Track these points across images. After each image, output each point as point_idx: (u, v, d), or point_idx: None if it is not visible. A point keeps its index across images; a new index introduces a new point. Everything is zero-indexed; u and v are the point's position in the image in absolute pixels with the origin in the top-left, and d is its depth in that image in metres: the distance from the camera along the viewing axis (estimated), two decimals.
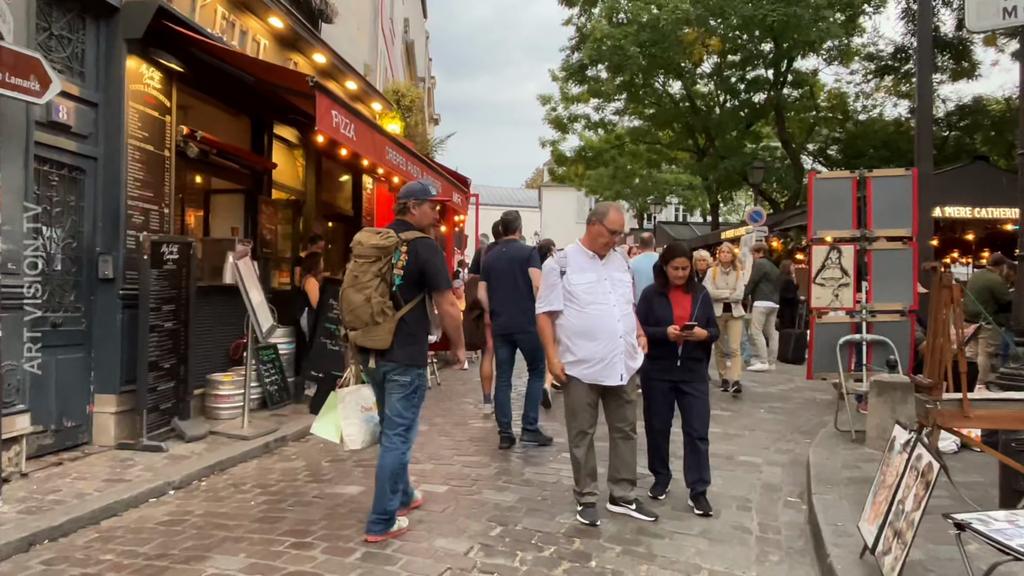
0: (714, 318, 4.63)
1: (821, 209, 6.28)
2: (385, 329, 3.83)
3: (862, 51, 21.36)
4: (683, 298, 4.57)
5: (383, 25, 13.62)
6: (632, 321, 4.33)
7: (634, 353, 4.28)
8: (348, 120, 6.58)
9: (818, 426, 7.04)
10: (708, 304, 4.62)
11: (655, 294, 4.64)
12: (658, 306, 4.57)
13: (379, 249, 3.90)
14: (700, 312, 4.49)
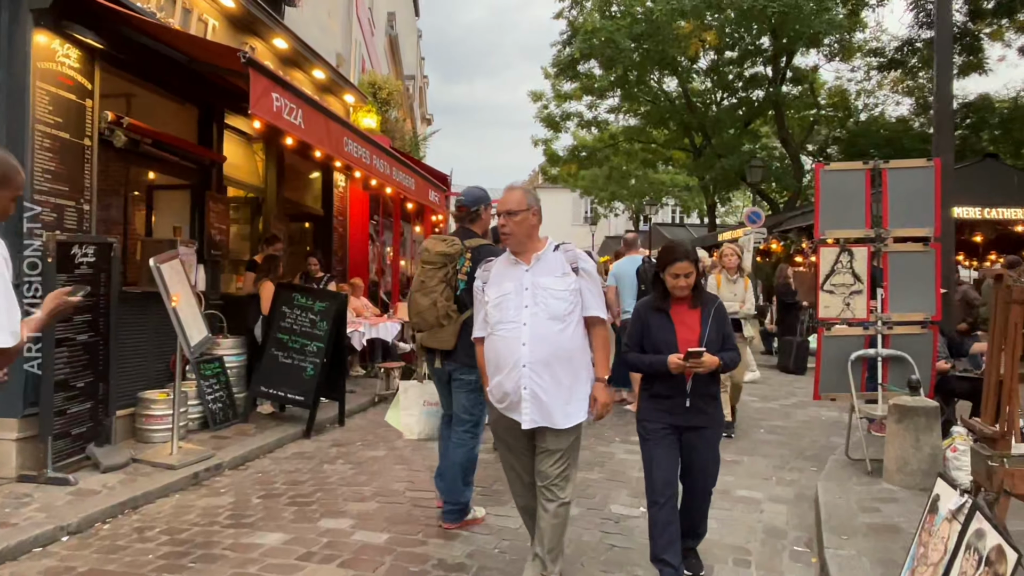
0: (732, 338, 3.45)
1: (829, 205, 5.50)
2: (450, 331, 4.11)
3: (864, 47, 20.64)
4: (689, 315, 3.38)
5: (359, 14, 12.85)
6: (564, 343, 3.14)
7: (563, 391, 3.16)
8: (294, 105, 5.80)
9: (825, 450, 6.26)
10: (723, 320, 3.42)
11: (651, 311, 3.44)
12: (656, 327, 3.39)
13: (445, 256, 4.20)
14: (713, 331, 3.34)
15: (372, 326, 9.54)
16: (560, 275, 3.23)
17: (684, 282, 3.32)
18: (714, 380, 3.41)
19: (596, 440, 6.55)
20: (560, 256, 3.30)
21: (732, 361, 3.36)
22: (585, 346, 3.29)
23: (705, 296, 3.46)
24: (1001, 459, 2.38)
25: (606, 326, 3.36)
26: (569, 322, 3.19)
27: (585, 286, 3.27)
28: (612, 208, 35.85)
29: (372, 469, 5.51)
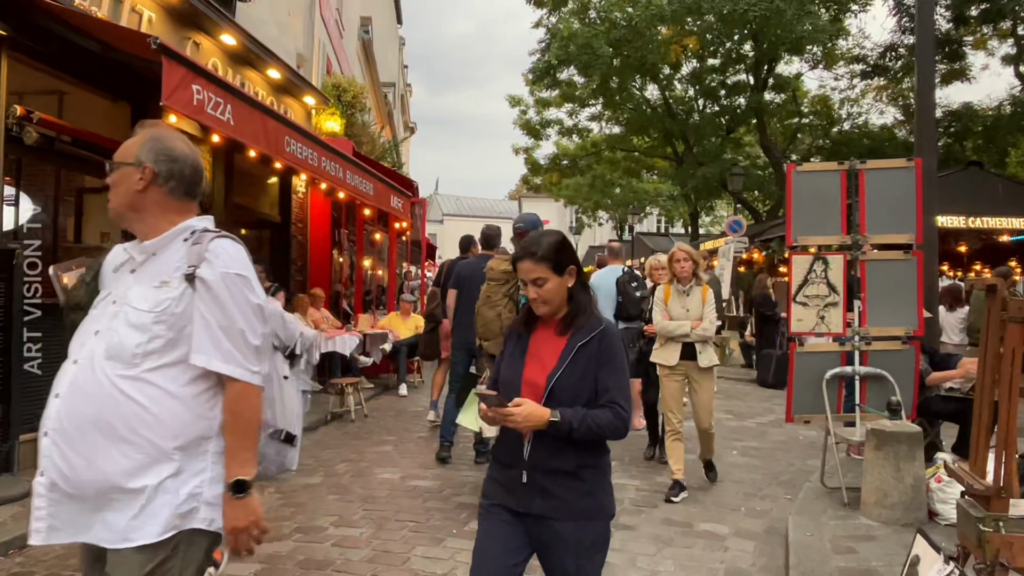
0: (623, 388, 2.20)
1: (803, 209, 5.05)
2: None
3: (847, 54, 20.38)
4: (551, 343, 2.24)
5: (323, 14, 12.37)
6: (119, 405, 1.74)
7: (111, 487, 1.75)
8: (221, 99, 5.32)
9: (801, 475, 5.79)
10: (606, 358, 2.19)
11: (512, 335, 2.36)
12: (508, 357, 2.31)
13: (507, 274, 5.09)
14: (574, 374, 2.16)
15: (328, 339, 9.00)
16: (158, 283, 1.83)
17: (534, 292, 2.20)
18: (580, 449, 2.14)
19: None
20: (185, 250, 1.87)
21: (610, 427, 2.11)
22: (193, 416, 1.81)
23: (583, 320, 2.22)
24: (996, 523, 1.90)
25: (242, 387, 1.82)
26: (142, 367, 1.77)
27: (201, 310, 1.80)
28: (596, 217, 35.44)
29: (300, 500, 4.98)
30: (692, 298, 5.19)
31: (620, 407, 2.14)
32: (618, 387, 2.17)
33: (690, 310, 5.16)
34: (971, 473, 2.05)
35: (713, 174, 19.54)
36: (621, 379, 2.20)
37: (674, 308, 5.22)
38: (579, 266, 2.30)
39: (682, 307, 5.20)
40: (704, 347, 5.12)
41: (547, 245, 2.22)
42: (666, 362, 5.19)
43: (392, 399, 9.70)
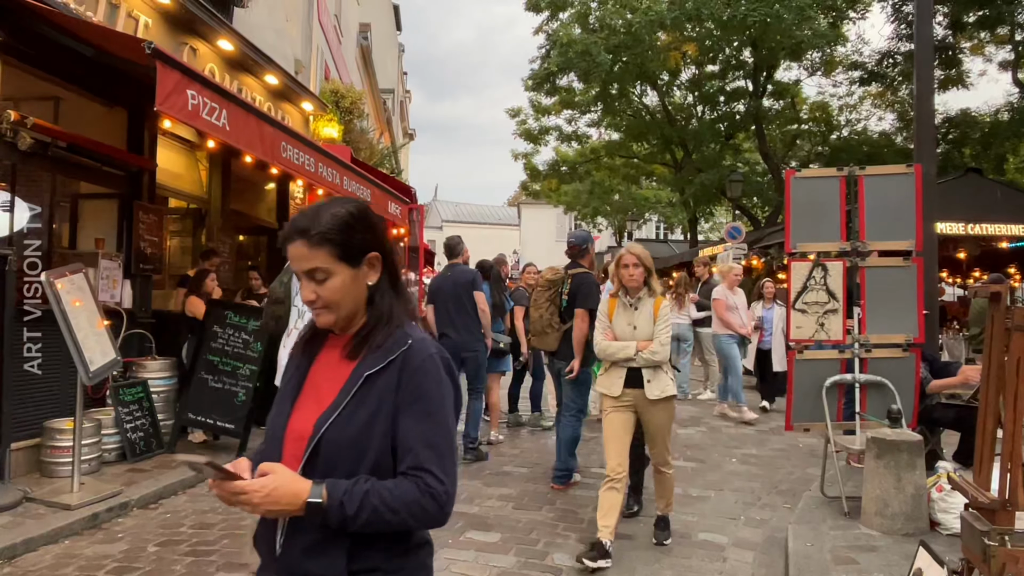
0: (428, 437, 1.42)
1: (801, 216, 5.01)
2: (553, 337, 5.60)
3: (846, 60, 20.39)
4: (337, 370, 1.52)
5: (321, 20, 12.36)
6: None
7: None
8: (216, 104, 5.26)
9: (801, 483, 5.74)
10: (404, 395, 1.44)
11: (290, 362, 1.65)
12: (279, 396, 1.61)
13: (551, 282, 5.73)
14: (346, 420, 1.43)
15: None
16: None
17: (310, 292, 1.46)
18: (364, 545, 1.42)
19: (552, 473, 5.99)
20: None
21: (414, 511, 1.38)
22: None
23: (382, 336, 1.48)
24: (1001, 536, 1.85)
25: None
26: None
27: None
28: (595, 224, 35.42)
29: None
30: (641, 313, 4.20)
31: (433, 477, 1.38)
32: (429, 444, 1.40)
33: (638, 328, 4.18)
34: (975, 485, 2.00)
35: (712, 180, 19.52)
36: (435, 431, 1.41)
37: (619, 325, 4.25)
38: (387, 252, 1.54)
39: (628, 324, 4.22)
40: (655, 374, 4.13)
41: (330, 220, 1.45)
42: (608, 391, 4.22)
43: None
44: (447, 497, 1.40)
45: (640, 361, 4.13)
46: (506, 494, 5.33)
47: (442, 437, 1.43)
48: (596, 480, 5.16)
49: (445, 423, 1.45)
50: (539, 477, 5.85)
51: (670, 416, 4.27)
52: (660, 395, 4.13)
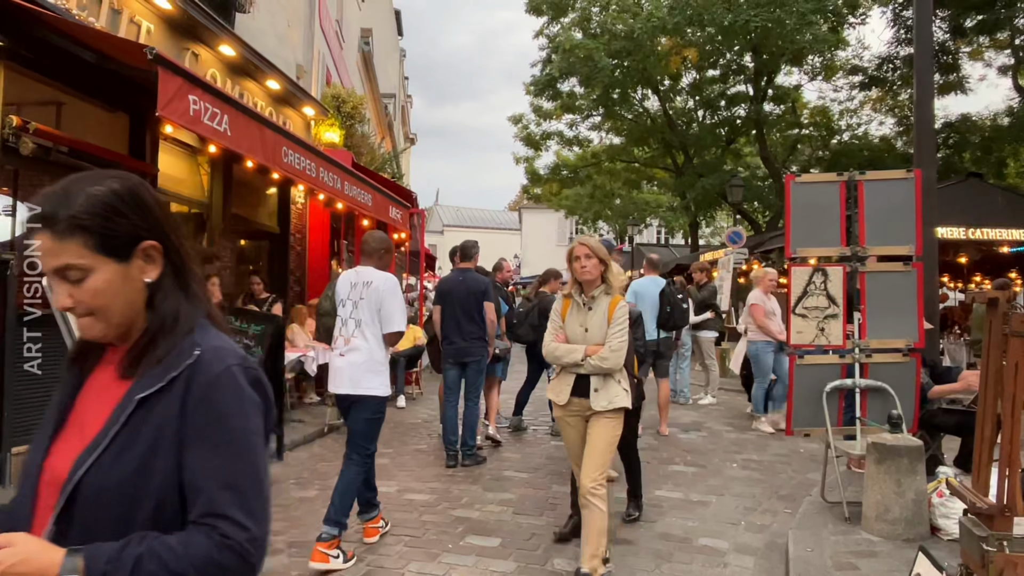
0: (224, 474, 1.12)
1: (801, 220, 5.02)
2: None
3: (846, 65, 20.43)
4: (107, 391, 1.20)
5: (323, 25, 12.40)
6: None
7: None
8: (218, 110, 5.29)
9: (801, 488, 5.73)
10: (190, 424, 1.13)
11: (65, 376, 1.30)
12: (45, 419, 1.26)
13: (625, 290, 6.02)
14: (115, 458, 1.11)
15: (325, 350, 8.94)
16: None
17: (65, 295, 1.17)
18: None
19: (552, 477, 5.99)
20: None
21: (211, 571, 1.07)
22: None
23: (164, 348, 1.18)
24: (999, 542, 1.85)
25: None
26: None
27: None
28: (596, 228, 35.43)
29: (295, 514, 4.93)
30: (595, 314, 3.74)
31: (231, 523, 1.09)
32: (226, 482, 1.10)
33: (589, 330, 3.72)
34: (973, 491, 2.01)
35: (713, 185, 19.54)
36: (234, 464, 1.12)
37: (570, 326, 3.80)
38: (169, 239, 1.23)
39: (580, 325, 3.76)
40: (604, 383, 3.68)
41: (84, 202, 1.15)
42: (556, 398, 3.85)
43: (390, 411, 9.56)
44: (253, 546, 1.08)
45: (587, 367, 3.66)
46: (506, 499, 5.33)
47: (243, 471, 1.11)
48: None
49: (248, 452, 1.12)
50: (540, 482, 5.85)
51: (615, 432, 3.72)
52: (607, 406, 3.62)
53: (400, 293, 4.56)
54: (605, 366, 3.65)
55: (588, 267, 3.70)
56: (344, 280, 4.53)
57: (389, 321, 4.33)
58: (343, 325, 4.44)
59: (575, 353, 3.70)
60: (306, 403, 9.39)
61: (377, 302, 4.33)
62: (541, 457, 6.82)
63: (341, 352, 4.38)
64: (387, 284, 4.39)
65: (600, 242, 3.88)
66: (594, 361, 3.66)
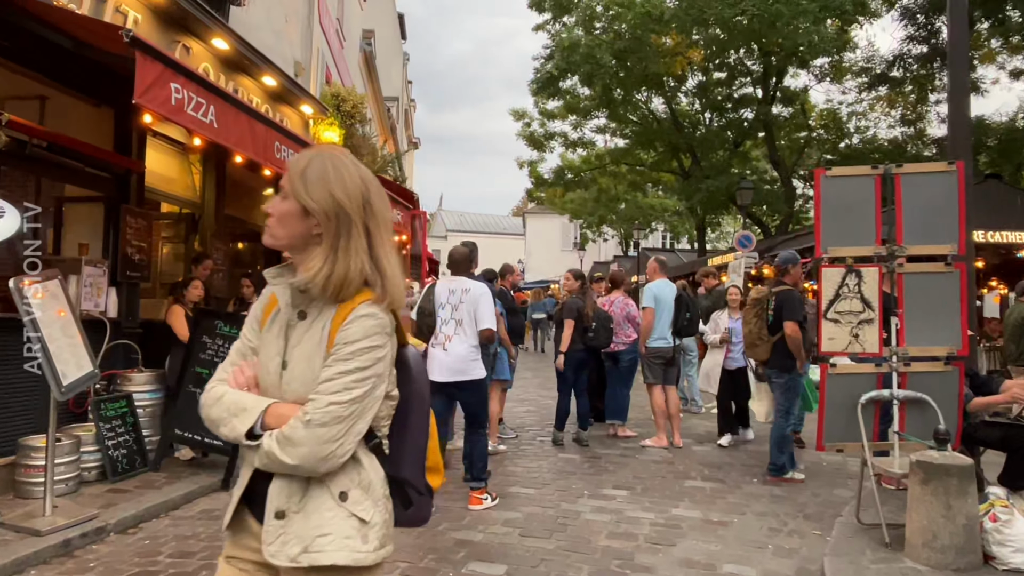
0: None
1: (832, 217, 4.63)
2: (763, 348, 6.06)
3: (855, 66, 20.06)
4: None
5: (322, 22, 12.07)
6: None
7: None
8: (203, 99, 4.94)
9: (827, 506, 5.34)
10: None
11: None
12: None
13: (756, 300, 6.21)
14: None
15: None
16: None
17: None
18: None
19: (561, 494, 5.60)
20: None
21: None
22: None
23: None
24: None
25: None
26: None
27: None
28: (601, 233, 35.09)
29: None
30: (308, 335, 1.62)
31: None
32: None
33: (289, 366, 1.62)
34: None
35: (720, 188, 19.18)
36: None
37: (265, 354, 1.68)
38: None
39: (277, 354, 1.65)
40: (301, 499, 1.57)
41: None
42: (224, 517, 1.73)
43: None
44: None
45: (261, 457, 1.55)
46: (512, 519, 4.93)
47: None
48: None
49: None
50: (548, 499, 5.45)
51: None
52: (296, 561, 1.54)
53: (491, 298, 5.46)
54: (288, 458, 1.51)
55: (279, 215, 1.66)
56: (442, 287, 5.48)
57: (482, 320, 5.25)
58: (444, 324, 5.34)
59: (246, 416, 1.59)
60: None
61: (474, 305, 5.27)
62: (549, 471, 6.42)
63: (444, 347, 5.25)
64: (481, 290, 5.35)
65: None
66: (271, 445, 1.53)
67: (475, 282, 5.45)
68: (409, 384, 1.72)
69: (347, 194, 1.59)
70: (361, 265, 1.59)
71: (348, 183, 1.60)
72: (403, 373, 1.71)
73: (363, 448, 1.61)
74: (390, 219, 1.71)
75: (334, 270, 1.57)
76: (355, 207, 1.59)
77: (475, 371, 5.26)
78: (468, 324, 5.26)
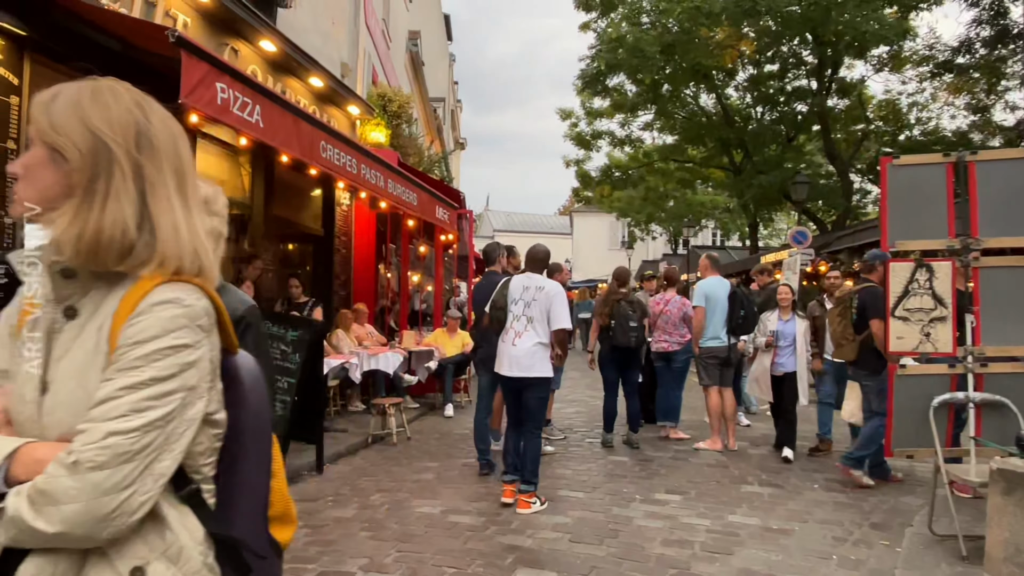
0: None
1: (900, 209, 4.35)
2: (850, 348, 5.79)
3: (916, 55, 19.24)
4: None
5: (368, 23, 12.11)
6: None
7: None
8: (248, 99, 4.94)
9: (895, 515, 5.05)
10: None
11: None
12: None
13: (841, 300, 6.10)
14: None
15: (370, 356, 8.57)
16: None
17: None
18: None
19: (612, 498, 5.43)
20: None
21: None
22: None
23: None
24: None
25: None
26: None
27: None
28: (649, 231, 34.58)
29: (329, 537, 4.49)
30: (80, 340, 1.11)
31: None
32: None
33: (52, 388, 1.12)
34: None
35: (773, 183, 18.63)
36: None
37: (15, 374, 1.17)
38: None
39: (29, 370, 1.14)
40: None
41: None
42: None
43: (437, 420, 9.21)
44: None
45: (6, 527, 1.00)
46: (561, 523, 4.79)
47: None
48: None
49: None
50: (598, 504, 5.30)
51: None
52: None
53: (566, 298, 5.47)
54: (48, 524, 0.99)
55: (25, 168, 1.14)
56: (517, 283, 5.46)
57: (557, 320, 5.25)
58: (515, 320, 5.35)
59: None
60: (350, 411, 9.04)
61: (548, 303, 5.27)
62: (599, 474, 6.26)
63: (513, 342, 5.29)
64: (556, 289, 5.35)
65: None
66: (18, 507, 1.00)
67: (551, 281, 5.51)
68: (241, 406, 1.22)
69: (108, 122, 1.14)
70: (121, 218, 1.10)
71: (113, 109, 1.15)
72: (233, 391, 1.21)
73: (170, 499, 1.10)
74: (189, 160, 1.24)
75: (86, 227, 1.08)
76: (120, 139, 1.14)
77: (541, 369, 5.26)
78: (540, 322, 5.28)
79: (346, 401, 9.18)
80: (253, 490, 1.25)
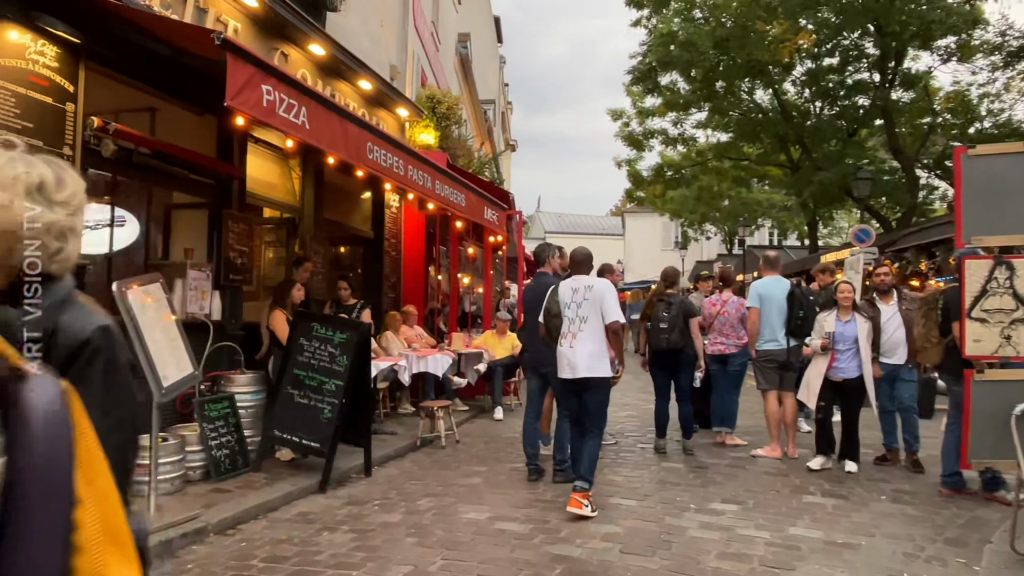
0: None
1: (976, 202, 4.06)
2: (934, 351, 5.64)
3: (987, 44, 18.31)
4: None
5: (417, 25, 12.13)
6: None
7: None
8: (294, 101, 4.93)
9: (971, 529, 4.73)
10: None
11: None
12: None
13: (923, 299, 6.07)
14: None
15: (419, 358, 8.54)
16: None
17: None
18: None
19: (665, 507, 5.24)
20: None
21: None
22: None
23: None
24: None
25: None
26: None
27: None
28: (703, 231, 33.91)
29: (375, 542, 4.43)
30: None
31: None
32: None
33: None
34: None
35: (833, 180, 17.97)
36: None
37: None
38: None
39: None
40: None
41: None
42: None
43: (486, 423, 9.13)
44: None
45: None
46: (612, 533, 4.63)
47: None
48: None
49: None
50: (651, 513, 5.11)
51: None
52: None
53: (615, 292, 5.47)
54: None
55: None
56: (565, 287, 5.46)
57: (609, 314, 5.22)
58: (570, 323, 5.35)
59: None
60: (400, 414, 9.03)
61: (599, 299, 5.26)
62: (651, 481, 6.07)
63: (570, 344, 5.29)
64: (605, 285, 5.38)
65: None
66: None
67: (597, 278, 5.58)
68: (25, 451, 0.90)
69: None
70: None
71: None
72: (16, 430, 0.90)
73: None
74: None
75: None
76: None
77: (600, 369, 5.24)
78: (594, 320, 5.27)
79: (396, 404, 9.18)
80: (36, 567, 0.90)
